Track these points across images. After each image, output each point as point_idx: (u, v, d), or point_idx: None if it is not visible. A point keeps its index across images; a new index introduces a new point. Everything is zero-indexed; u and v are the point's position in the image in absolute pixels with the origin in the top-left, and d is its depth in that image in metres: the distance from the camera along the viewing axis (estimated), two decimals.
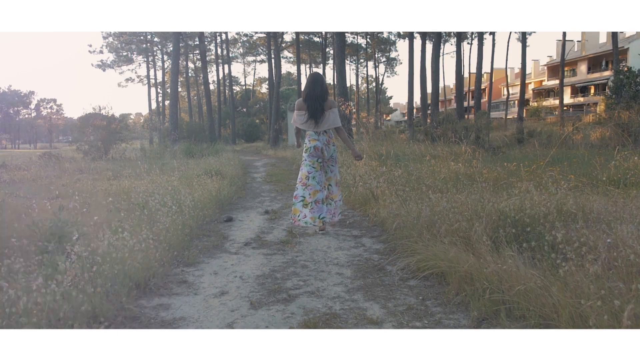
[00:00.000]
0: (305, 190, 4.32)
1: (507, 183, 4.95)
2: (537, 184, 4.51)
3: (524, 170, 6.00)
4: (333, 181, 4.55)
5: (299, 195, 4.33)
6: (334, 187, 4.56)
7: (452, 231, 3.14)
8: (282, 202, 6.41)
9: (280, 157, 16.74)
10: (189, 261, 3.52)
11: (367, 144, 9.80)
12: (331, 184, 4.54)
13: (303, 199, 4.30)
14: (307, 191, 4.31)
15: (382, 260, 3.45)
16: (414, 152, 9.64)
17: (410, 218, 3.74)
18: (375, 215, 4.67)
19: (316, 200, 4.27)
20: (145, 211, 4.43)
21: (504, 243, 2.88)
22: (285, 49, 38.69)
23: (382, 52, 47.02)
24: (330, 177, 4.53)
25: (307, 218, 4.24)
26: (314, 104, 4.31)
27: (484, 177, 6.20)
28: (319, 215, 4.24)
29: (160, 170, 8.41)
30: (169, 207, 4.45)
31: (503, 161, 7.72)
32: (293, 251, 3.81)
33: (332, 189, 4.54)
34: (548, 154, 9.67)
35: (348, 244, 4.02)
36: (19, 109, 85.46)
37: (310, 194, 4.29)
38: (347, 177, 6.86)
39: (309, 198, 4.28)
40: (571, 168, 6.87)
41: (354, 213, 5.31)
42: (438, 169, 6.62)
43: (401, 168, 6.78)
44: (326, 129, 4.40)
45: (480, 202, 3.60)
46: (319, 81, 4.39)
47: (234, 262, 3.54)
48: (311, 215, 4.23)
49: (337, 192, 4.58)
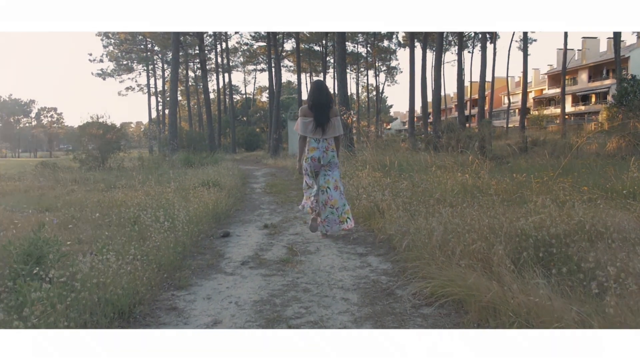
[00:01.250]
0: (307, 202, 4.72)
1: (520, 197, 4.67)
2: (554, 197, 4.24)
3: (534, 181, 5.73)
4: (331, 184, 4.44)
5: (306, 205, 4.73)
6: (333, 192, 4.42)
7: (468, 252, 2.86)
8: (282, 215, 6.12)
9: (281, 166, 16.48)
10: (181, 284, 3.23)
11: (370, 153, 9.55)
12: (329, 187, 4.44)
13: (309, 209, 4.68)
14: (308, 203, 4.68)
15: (391, 282, 3.16)
16: (418, 161, 9.37)
17: (421, 236, 3.45)
18: (381, 231, 4.38)
19: (321, 201, 4.47)
20: (136, 227, 4.16)
21: (528, 266, 2.60)
22: (285, 58, 38.63)
23: (382, 60, 47.00)
24: (328, 180, 4.45)
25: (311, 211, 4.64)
26: (320, 112, 4.34)
27: (493, 189, 5.93)
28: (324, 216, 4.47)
29: (156, 181, 8.14)
30: (162, 223, 4.17)
31: (510, 171, 7.45)
32: (294, 272, 3.52)
33: (331, 193, 4.42)
34: (555, 164, 9.41)
35: (353, 263, 3.73)
36: (20, 118, 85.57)
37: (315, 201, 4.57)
38: (350, 188, 6.58)
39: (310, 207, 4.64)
40: (582, 179, 6.57)
41: (357, 227, 5.02)
42: (444, 180, 6.35)
43: (406, 179, 6.52)
44: (328, 137, 4.44)
45: (497, 219, 3.32)
46: (324, 89, 4.47)
47: (229, 284, 3.25)
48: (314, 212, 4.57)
49: (337, 197, 4.43)
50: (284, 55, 36.01)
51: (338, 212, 4.40)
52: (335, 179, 4.47)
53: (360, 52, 44.48)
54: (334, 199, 4.40)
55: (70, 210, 5.59)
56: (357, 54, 43.71)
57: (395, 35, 39.19)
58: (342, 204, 4.44)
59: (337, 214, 4.41)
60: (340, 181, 4.58)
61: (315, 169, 4.46)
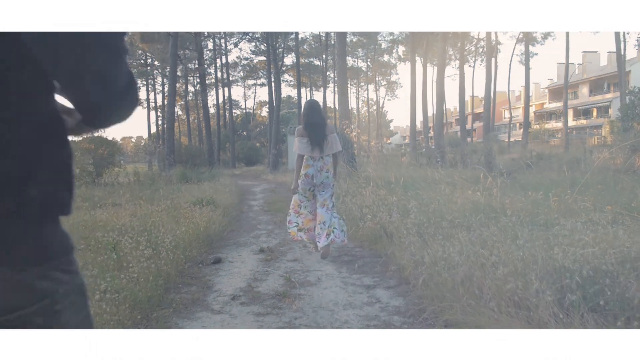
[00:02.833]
0: (298, 218, 4.50)
1: (546, 220, 4.21)
2: (586, 220, 3.77)
3: (552, 200, 5.28)
4: (318, 203, 4.47)
5: (293, 221, 4.51)
6: (320, 209, 4.45)
7: (499, 292, 2.39)
8: (280, 238, 5.65)
9: (280, 181, 16.04)
10: (158, 326, 2.75)
11: (373, 168, 9.11)
12: (318, 206, 4.49)
13: (297, 225, 4.49)
14: (300, 219, 4.49)
15: (406, 324, 2.68)
16: (424, 177, 8.92)
17: (439, 268, 2.98)
18: (391, 259, 3.91)
19: (309, 228, 4.46)
20: (115, 255, 3.69)
21: (575, 309, 2.13)
22: (285, 72, 38.52)
23: (382, 75, 46.97)
24: (320, 200, 4.47)
25: (304, 238, 4.54)
26: (315, 131, 4.38)
27: (507, 207, 5.48)
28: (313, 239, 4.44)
29: (148, 198, 7.68)
30: (142, 250, 3.70)
31: (520, 188, 7.00)
32: (291, 309, 3.03)
33: (319, 210, 4.46)
34: (567, 179, 8.93)
35: (360, 298, 3.24)
36: None
37: (303, 221, 4.45)
38: (353, 208, 6.12)
39: (302, 225, 4.47)
40: (601, 196, 6.09)
41: (362, 252, 4.55)
42: (454, 198, 5.89)
43: (413, 197, 6.06)
44: (325, 155, 4.44)
45: (527, 249, 2.86)
46: (316, 108, 4.55)
47: (216, 326, 2.77)
48: (307, 236, 4.50)
49: (323, 213, 4.40)
50: (284, 69, 35.87)
51: (325, 225, 4.40)
52: (325, 198, 4.48)
53: (360, 66, 44.48)
54: (320, 215, 4.45)
55: None
56: (357, 68, 43.67)
57: (396, 50, 39.15)
58: (329, 217, 4.40)
59: (325, 228, 4.39)
60: (331, 199, 4.53)
61: (308, 186, 4.44)
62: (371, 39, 37.38)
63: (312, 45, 37.56)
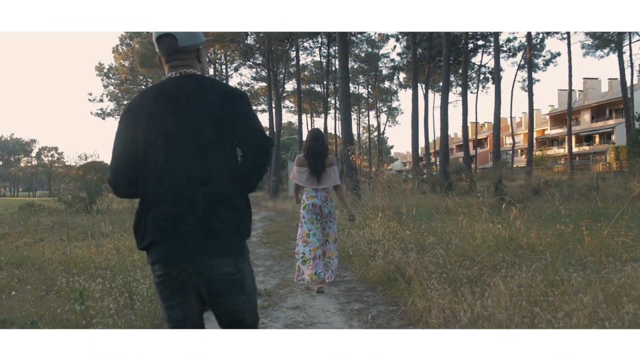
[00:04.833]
0: (305, 247, 4.37)
1: (593, 261, 3.59)
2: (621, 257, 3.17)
3: (585, 233, 4.68)
4: (331, 238, 4.54)
5: (300, 252, 4.40)
6: (332, 244, 4.56)
7: None
8: (279, 277, 5.02)
9: (280, 209, 15.43)
10: None
11: (380, 196, 8.51)
12: (329, 241, 4.54)
13: (303, 255, 4.36)
14: (308, 248, 4.36)
15: None
16: (433, 205, 8.32)
17: (478, 326, 2.36)
18: (410, 309, 3.27)
19: (315, 256, 4.33)
20: (79, 305, 3.07)
21: None
22: (286, 99, 38.44)
23: (383, 101, 46.96)
24: (329, 233, 4.52)
25: (305, 275, 4.30)
26: (315, 161, 4.35)
27: (536, 243, 4.88)
28: (315, 271, 4.25)
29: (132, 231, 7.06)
30: (115, 298, 3.08)
31: (536, 217, 6.39)
32: None
33: (330, 246, 4.54)
34: (582, 208, 8.31)
35: None
36: (20, 157, 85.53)
37: (310, 250, 4.34)
38: (361, 242, 5.51)
39: (309, 255, 4.33)
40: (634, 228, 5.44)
41: (375, 298, 3.92)
42: (472, 231, 5.29)
43: (428, 230, 5.45)
44: (325, 187, 4.41)
45: (591, 308, 2.25)
46: (320, 138, 4.49)
47: None
48: (309, 272, 4.28)
49: (334, 249, 4.57)
50: (285, 95, 35.77)
51: (334, 262, 4.57)
52: (335, 232, 4.59)
53: (361, 92, 44.49)
54: (331, 251, 4.55)
55: (15, 272, 4.52)
56: (358, 95, 43.67)
57: (397, 76, 39.13)
58: (336, 255, 4.63)
59: (333, 264, 4.56)
60: (336, 231, 4.66)
61: (316, 216, 4.41)
62: (372, 65, 37.42)
63: (313, 71, 37.58)
